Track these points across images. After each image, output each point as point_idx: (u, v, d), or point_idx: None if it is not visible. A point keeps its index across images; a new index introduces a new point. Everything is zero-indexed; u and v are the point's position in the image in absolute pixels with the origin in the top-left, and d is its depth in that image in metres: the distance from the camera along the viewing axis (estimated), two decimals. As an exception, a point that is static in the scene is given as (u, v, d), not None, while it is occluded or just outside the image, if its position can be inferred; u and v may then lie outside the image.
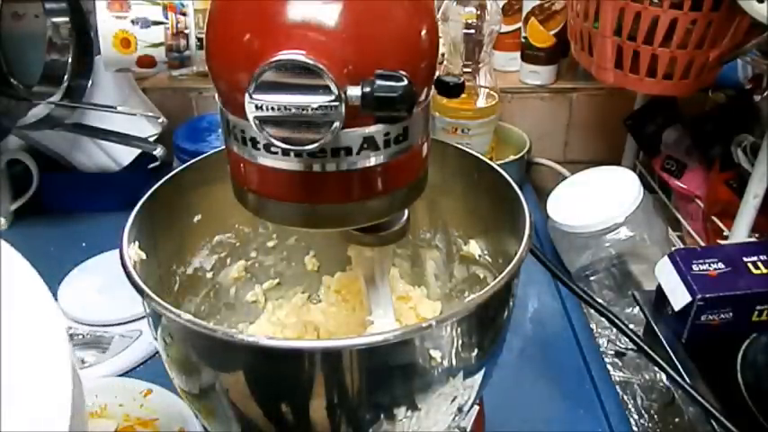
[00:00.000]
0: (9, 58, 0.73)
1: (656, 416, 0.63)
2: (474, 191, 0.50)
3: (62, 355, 0.24)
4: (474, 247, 0.52)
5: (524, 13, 0.95)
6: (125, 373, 0.63)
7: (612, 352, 0.70)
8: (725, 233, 0.73)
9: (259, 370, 0.36)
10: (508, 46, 1.00)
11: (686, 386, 0.46)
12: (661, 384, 0.65)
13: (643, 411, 0.64)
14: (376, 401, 0.37)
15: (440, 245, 0.56)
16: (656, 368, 0.48)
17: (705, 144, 0.80)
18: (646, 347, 0.47)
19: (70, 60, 0.76)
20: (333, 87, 0.29)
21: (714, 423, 0.48)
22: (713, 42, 0.67)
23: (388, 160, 0.34)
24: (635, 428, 0.61)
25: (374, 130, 0.33)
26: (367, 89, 0.29)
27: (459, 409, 0.41)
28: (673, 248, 0.70)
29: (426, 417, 0.38)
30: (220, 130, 0.40)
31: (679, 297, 0.56)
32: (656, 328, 0.59)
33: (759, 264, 0.57)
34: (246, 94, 0.29)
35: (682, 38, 0.66)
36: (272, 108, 0.29)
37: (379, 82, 0.29)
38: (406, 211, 0.41)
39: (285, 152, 0.32)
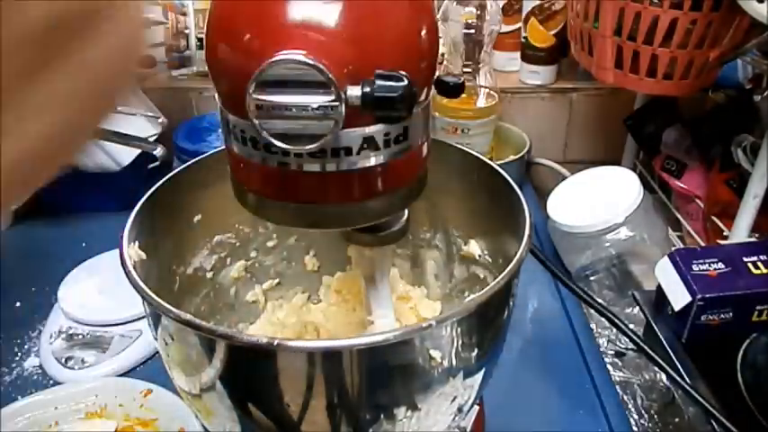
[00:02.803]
0: (9, 58, 0.72)
1: (656, 416, 0.63)
2: (474, 191, 0.50)
3: None
4: (474, 247, 0.52)
5: (524, 13, 0.95)
6: (125, 373, 0.63)
7: (612, 352, 0.70)
8: (725, 233, 0.73)
9: (259, 370, 0.36)
10: (508, 46, 1.00)
11: (686, 386, 0.46)
12: (661, 384, 0.65)
13: (643, 411, 0.63)
14: (376, 401, 0.37)
15: (440, 245, 0.56)
16: (656, 368, 0.48)
17: (705, 144, 0.80)
18: (646, 347, 0.47)
19: (70, 60, 0.76)
20: (333, 87, 0.29)
21: (714, 423, 0.48)
22: (713, 42, 0.67)
23: (387, 160, 0.34)
24: (635, 428, 0.61)
25: (374, 130, 0.33)
26: (367, 89, 0.29)
27: (459, 409, 0.41)
28: (673, 248, 0.70)
29: (426, 417, 0.38)
30: (220, 130, 0.40)
31: (679, 297, 0.56)
32: (656, 328, 0.59)
33: (759, 264, 0.57)
34: (246, 94, 0.29)
35: (682, 38, 0.66)
36: (272, 108, 0.29)
37: (378, 82, 0.29)
38: (406, 211, 0.41)
39: (285, 152, 0.32)
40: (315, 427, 0.37)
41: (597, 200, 0.77)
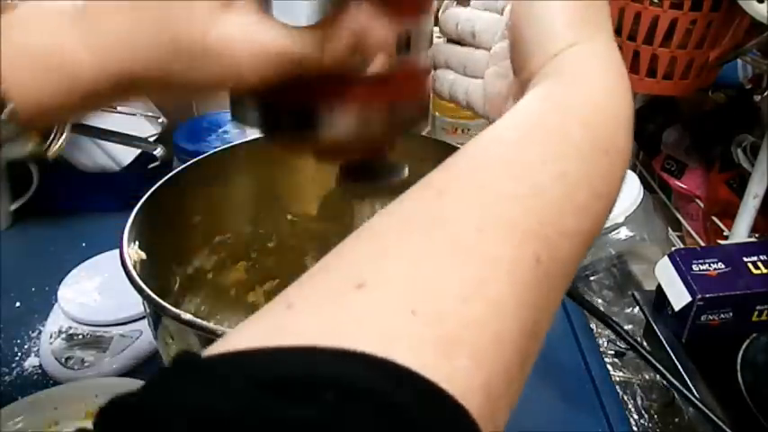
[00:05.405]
0: (9, 58, 0.72)
1: (656, 416, 0.63)
2: (474, 191, 0.50)
3: None
4: (474, 248, 0.52)
5: (524, 13, 0.95)
6: (125, 373, 0.63)
7: (612, 352, 0.70)
8: (725, 233, 0.73)
9: (259, 370, 0.36)
10: (508, 46, 0.99)
11: (682, 388, 0.46)
12: (661, 384, 0.65)
13: (643, 411, 0.64)
14: (376, 402, 0.37)
15: (440, 245, 0.56)
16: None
17: (705, 144, 0.80)
18: (643, 351, 0.47)
19: (70, 60, 0.76)
20: None
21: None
22: (713, 42, 0.67)
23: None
24: (635, 428, 0.61)
25: None
26: None
27: (459, 410, 0.41)
28: (673, 248, 0.70)
29: (426, 417, 0.38)
30: (220, 130, 0.40)
31: (679, 297, 0.56)
32: (656, 328, 0.59)
33: (759, 264, 0.57)
34: None
35: (682, 38, 0.66)
36: None
37: None
38: (407, 167, 0.40)
39: None
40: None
41: (597, 200, 0.77)
